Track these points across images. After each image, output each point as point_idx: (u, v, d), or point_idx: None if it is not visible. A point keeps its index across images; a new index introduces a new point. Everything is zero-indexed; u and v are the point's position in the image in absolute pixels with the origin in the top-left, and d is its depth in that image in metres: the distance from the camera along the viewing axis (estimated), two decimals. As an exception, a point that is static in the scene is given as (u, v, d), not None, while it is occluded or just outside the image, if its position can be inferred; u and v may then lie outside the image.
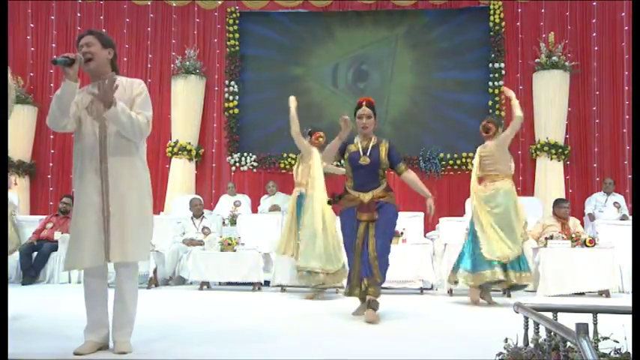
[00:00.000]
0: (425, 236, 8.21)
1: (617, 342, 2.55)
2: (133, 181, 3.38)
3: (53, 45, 11.05)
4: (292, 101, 6.50)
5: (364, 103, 4.92)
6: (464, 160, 10.52)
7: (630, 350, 2.49)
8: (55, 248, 8.08)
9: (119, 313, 3.37)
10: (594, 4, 10.54)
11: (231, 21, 11.11)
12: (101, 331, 3.38)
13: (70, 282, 7.90)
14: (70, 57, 3.18)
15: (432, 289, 7.14)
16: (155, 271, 7.53)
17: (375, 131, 5.00)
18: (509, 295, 6.54)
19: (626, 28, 10.33)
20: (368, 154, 4.81)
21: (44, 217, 8.77)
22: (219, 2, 11.15)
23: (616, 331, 2.63)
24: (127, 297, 3.39)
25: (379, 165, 4.81)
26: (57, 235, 8.21)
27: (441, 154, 10.55)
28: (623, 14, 10.38)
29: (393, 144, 4.95)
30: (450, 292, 6.83)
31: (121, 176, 3.33)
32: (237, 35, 11.10)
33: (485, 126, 6.12)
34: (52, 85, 10.97)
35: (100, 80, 3.29)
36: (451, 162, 10.57)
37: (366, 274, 4.65)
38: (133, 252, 3.35)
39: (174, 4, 11.18)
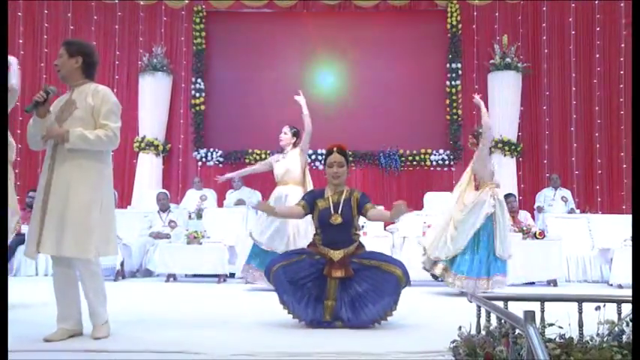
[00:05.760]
0: (385, 229, 8.43)
1: (562, 328, 2.77)
2: (79, 177, 3.39)
3: (20, 41, 11.08)
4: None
5: (335, 150, 4.30)
6: (422, 156, 10.95)
7: (574, 336, 2.74)
8: (22, 242, 8.10)
9: (89, 302, 3.49)
10: (544, 8, 11.00)
11: (197, 20, 11.31)
12: (72, 319, 3.48)
13: (37, 274, 8.00)
14: (38, 100, 3.37)
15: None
16: (122, 264, 7.68)
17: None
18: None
19: (573, 32, 10.87)
20: (340, 211, 4.21)
21: (11, 210, 8.80)
22: (186, 1, 11.32)
23: (561, 318, 2.84)
24: (89, 286, 3.47)
25: (352, 224, 4.25)
26: (24, 229, 8.26)
27: (401, 151, 10.96)
28: (571, 19, 10.91)
29: (364, 194, 4.35)
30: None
31: (65, 172, 3.38)
32: (203, 34, 11.31)
33: (469, 140, 6.41)
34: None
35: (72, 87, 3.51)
36: (410, 158, 10.98)
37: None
38: (70, 247, 3.32)
39: (141, 3, 11.31)
